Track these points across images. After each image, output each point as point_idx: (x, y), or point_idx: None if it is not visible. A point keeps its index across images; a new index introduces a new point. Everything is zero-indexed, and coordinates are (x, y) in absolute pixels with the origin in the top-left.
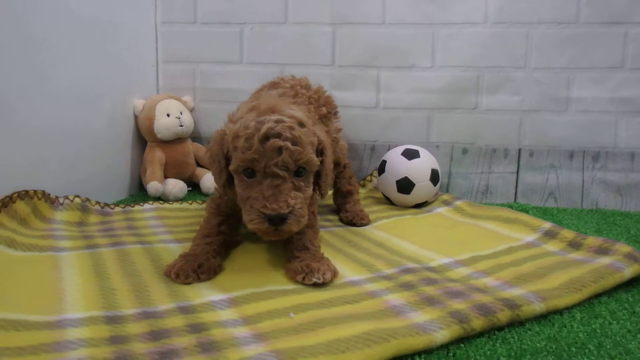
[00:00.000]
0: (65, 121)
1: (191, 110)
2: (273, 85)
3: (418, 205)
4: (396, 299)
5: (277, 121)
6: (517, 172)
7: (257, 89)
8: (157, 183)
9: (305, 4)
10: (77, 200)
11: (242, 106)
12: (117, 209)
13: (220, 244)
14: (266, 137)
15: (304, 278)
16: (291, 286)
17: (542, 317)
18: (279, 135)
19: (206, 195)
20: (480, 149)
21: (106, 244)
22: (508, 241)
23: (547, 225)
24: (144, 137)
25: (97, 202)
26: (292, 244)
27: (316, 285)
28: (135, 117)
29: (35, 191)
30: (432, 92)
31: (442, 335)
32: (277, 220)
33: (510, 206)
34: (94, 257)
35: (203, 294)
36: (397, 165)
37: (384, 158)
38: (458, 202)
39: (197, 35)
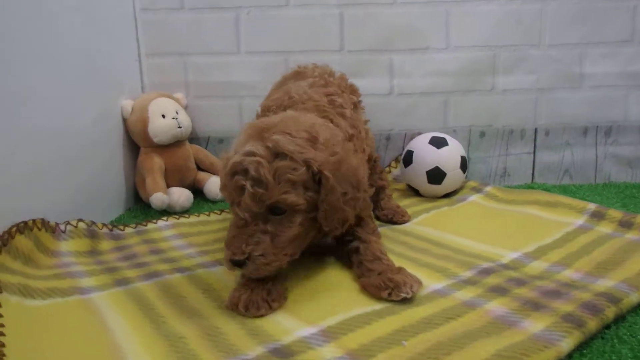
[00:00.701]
0: (43, 132)
1: (185, 108)
2: (298, 75)
3: (447, 195)
4: (497, 307)
5: (247, 153)
6: (534, 152)
7: (278, 81)
8: (162, 194)
9: None
10: (81, 225)
11: (260, 111)
12: (129, 229)
13: None
14: (233, 173)
15: (390, 294)
16: (378, 305)
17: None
18: (245, 172)
19: (213, 202)
20: (498, 130)
21: (139, 277)
22: (560, 227)
23: (591, 206)
24: (136, 142)
25: (104, 225)
26: (359, 254)
27: (404, 300)
28: (124, 120)
29: (33, 221)
30: (447, 74)
31: (566, 344)
32: (236, 264)
33: (530, 187)
34: (132, 296)
35: (287, 328)
36: (426, 155)
37: (409, 148)
38: (488, 188)
39: (186, 22)
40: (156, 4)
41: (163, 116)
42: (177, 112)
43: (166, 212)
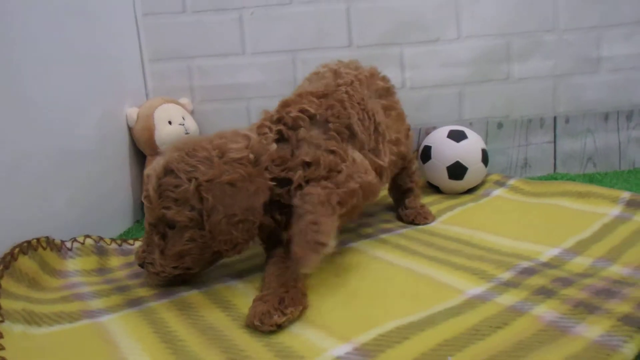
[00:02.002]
0: (47, 144)
1: (191, 114)
2: (314, 76)
3: (468, 190)
4: (547, 312)
5: (151, 167)
6: (555, 141)
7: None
8: None
9: None
10: (88, 241)
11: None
12: (139, 243)
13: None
14: None
15: None
16: (414, 315)
17: None
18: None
19: None
20: (516, 121)
21: (152, 296)
22: (596, 218)
23: (625, 194)
24: (142, 150)
25: (113, 240)
26: None
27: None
28: (130, 128)
29: (38, 239)
30: (461, 65)
31: (629, 349)
32: (139, 265)
33: (552, 177)
34: (147, 318)
35: (317, 345)
36: (445, 149)
37: (426, 143)
38: (511, 181)
39: (189, 25)
40: (158, 8)
41: (169, 123)
42: (183, 118)
43: None
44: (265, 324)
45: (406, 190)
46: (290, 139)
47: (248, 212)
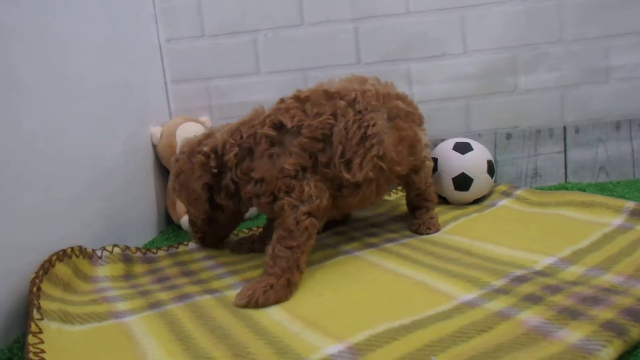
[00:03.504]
0: (80, 163)
1: None
2: (350, 77)
3: (476, 201)
4: (531, 317)
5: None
6: (565, 151)
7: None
8: None
9: (321, 1)
10: (116, 250)
11: None
12: (161, 252)
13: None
14: None
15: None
16: (406, 319)
17: None
18: None
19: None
20: (524, 131)
21: (171, 300)
22: (597, 228)
23: (629, 204)
24: (166, 166)
25: (138, 249)
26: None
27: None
28: (154, 146)
29: (72, 248)
30: (467, 79)
31: (606, 353)
32: None
33: (564, 187)
34: (164, 318)
35: (313, 345)
36: (451, 161)
37: (432, 155)
38: (518, 192)
39: (207, 49)
40: (179, 34)
41: None
42: None
43: None
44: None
45: (417, 207)
46: (254, 152)
47: (194, 193)
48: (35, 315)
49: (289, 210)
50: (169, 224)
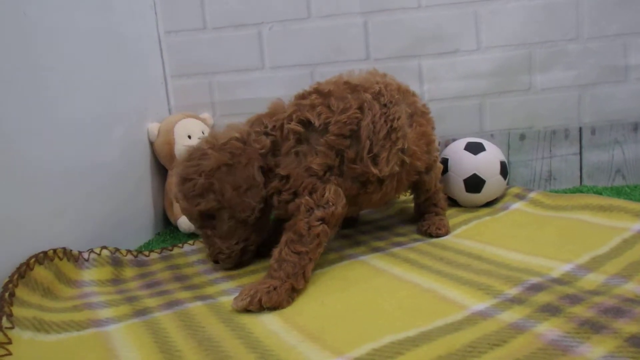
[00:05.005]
0: (72, 158)
1: (212, 127)
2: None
3: (488, 204)
4: (549, 330)
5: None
6: (580, 153)
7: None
8: None
9: None
10: (105, 252)
11: None
12: (154, 255)
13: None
14: None
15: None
16: (412, 331)
17: None
18: None
19: None
20: (539, 132)
21: (159, 306)
22: (616, 233)
23: None
24: (163, 165)
25: (129, 251)
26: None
27: (443, 325)
28: (151, 143)
29: (54, 250)
30: (480, 76)
31: None
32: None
33: (579, 190)
34: (150, 328)
35: (311, 359)
36: (462, 161)
37: (443, 155)
38: (532, 194)
39: (209, 42)
40: (179, 26)
41: (189, 137)
42: (203, 133)
43: (194, 234)
44: (242, 303)
45: (426, 213)
46: (281, 149)
47: (249, 179)
48: (5, 323)
49: (304, 212)
50: (166, 226)
